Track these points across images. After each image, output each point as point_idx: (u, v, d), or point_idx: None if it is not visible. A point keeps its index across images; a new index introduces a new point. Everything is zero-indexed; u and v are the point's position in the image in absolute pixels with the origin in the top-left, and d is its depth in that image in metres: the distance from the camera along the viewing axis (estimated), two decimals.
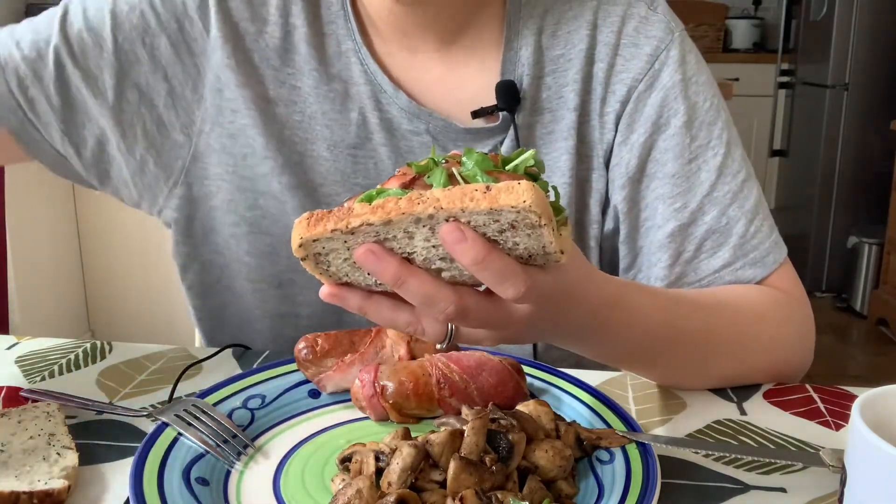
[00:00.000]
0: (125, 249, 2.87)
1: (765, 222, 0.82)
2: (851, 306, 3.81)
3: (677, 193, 0.81)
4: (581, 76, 0.82)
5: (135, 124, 0.84)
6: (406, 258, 0.50)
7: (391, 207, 0.46)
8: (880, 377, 3.07)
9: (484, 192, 0.46)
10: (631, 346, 0.70)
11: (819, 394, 0.76)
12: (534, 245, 0.49)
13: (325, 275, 0.53)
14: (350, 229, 0.47)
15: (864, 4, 3.73)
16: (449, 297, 0.51)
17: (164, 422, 0.64)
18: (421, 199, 0.46)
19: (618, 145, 0.83)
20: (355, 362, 0.71)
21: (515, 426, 0.58)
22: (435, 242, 0.49)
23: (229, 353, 0.83)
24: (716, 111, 0.82)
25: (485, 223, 0.47)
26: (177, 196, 0.87)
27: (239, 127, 0.83)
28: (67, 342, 0.87)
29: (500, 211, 0.46)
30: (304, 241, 0.49)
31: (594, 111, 0.83)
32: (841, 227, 3.94)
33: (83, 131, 0.84)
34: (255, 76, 0.83)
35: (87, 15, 0.82)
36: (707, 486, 0.61)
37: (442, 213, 0.46)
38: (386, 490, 0.54)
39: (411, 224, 0.47)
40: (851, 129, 3.87)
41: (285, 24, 0.83)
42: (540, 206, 0.45)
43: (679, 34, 0.83)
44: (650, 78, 0.81)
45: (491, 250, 0.48)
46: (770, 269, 0.80)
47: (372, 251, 0.49)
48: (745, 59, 4.88)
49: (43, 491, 0.56)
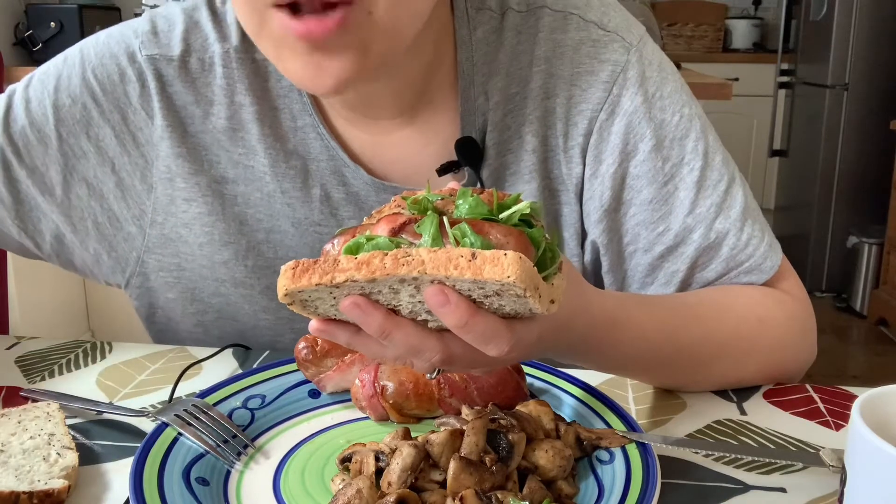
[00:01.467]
0: None
1: (755, 227, 0.79)
2: (851, 306, 3.81)
3: (658, 218, 0.78)
4: (539, 113, 0.79)
5: (85, 218, 0.83)
6: (392, 309, 0.50)
7: (376, 266, 0.46)
8: (880, 377, 3.07)
9: (469, 261, 0.45)
10: (629, 361, 0.70)
11: (819, 394, 0.76)
12: (520, 307, 0.49)
13: (313, 314, 0.52)
14: (334, 284, 0.47)
15: (864, 4, 3.73)
16: (434, 347, 0.51)
17: (164, 422, 0.64)
18: (406, 260, 0.46)
19: (588, 179, 0.80)
20: (355, 362, 0.71)
21: (515, 426, 0.58)
22: (421, 298, 0.48)
23: (229, 353, 0.83)
24: (687, 122, 0.78)
25: (469, 288, 0.47)
26: (135, 286, 0.86)
27: (194, 215, 0.82)
28: (67, 342, 0.87)
29: (484, 282, 0.45)
30: (289, 292, 0.48)
31: (558, 147, 0.80)
32: (841, 227, 3.94)
33: (39, 225, 0.83)
34: (208, 160, 0.81)
35: (29, 109, 0.81)
36: (707, 486, 0.61)
37: (426, 276, 0.46)
38: (386, 490, 0.54)
39: (396, 282, 0.47)
40: (851, 129, 3.87)
41: (231, 103, 0.80)
42: (524, 280, 0.44)
43: (636, 48, 0.78)
44: (610, 105, 0.77)
45: (474, 313, 0.47)
46: (768, 275, 0.79)
47: (357, 304, 0.48)
48: (745, 59, 4.88)
49: (43, 491, 0.56)
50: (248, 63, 0.80)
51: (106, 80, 0.81)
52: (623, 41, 0.78)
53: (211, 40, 0.81)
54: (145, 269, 0.85)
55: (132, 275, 0.85)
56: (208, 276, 0.83)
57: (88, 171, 0.82)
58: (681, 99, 0.79)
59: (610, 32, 0.78)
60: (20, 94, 0.82)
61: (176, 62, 0.81)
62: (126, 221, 0.83)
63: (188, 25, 0.82)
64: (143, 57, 0.81)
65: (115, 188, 0.82)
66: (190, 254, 0.83)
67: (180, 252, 0.83)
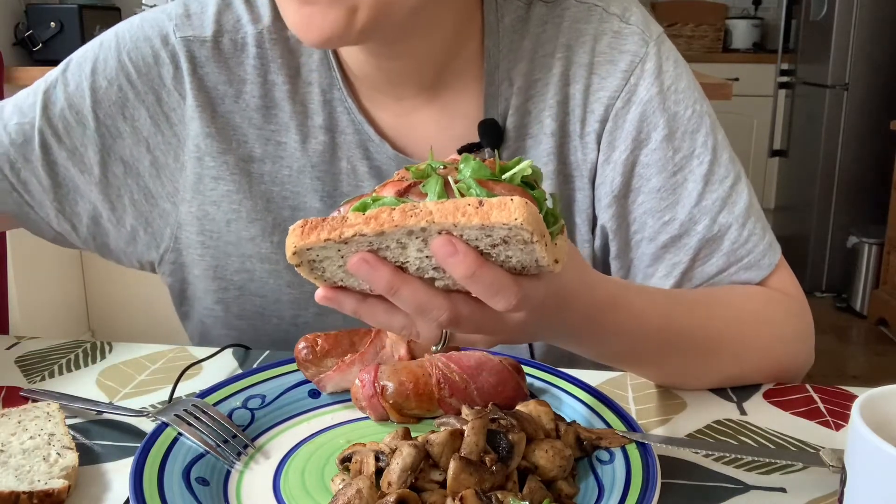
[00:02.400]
0: None
1: (757, 224, 0.81)
2: (851, 306, 3.81)
3: (665, 207, 0.80)
4: (558, 99, 0.81)
5: (122, 196, 0.85)
6: (400, 267, 0.50)
7: (384, 219, 0.46)
8: (880, 377, 3.07)
9: (476, 208, 0.45)
10: (628, 348, 0.70)
11: (819, 394, 0.76)
12: (526, 258, 0.49)
13: (319, 279, 0.53)
14: (343, 239, 0.47)
15: (864, 4, 3.73)
16: (442, 305, 0.51)
17: (164, 422, 0.64)
18: (414, 211, 0.46)
19: (601, 165, 0.82)
20: (355, 362, 0.71)
21: (515, 426, 0.58)
22: (428, 253, 0.49)
23: (229, 353, 0.83)
24: (698, 117, 0.81)
25: (477, 237, 0.47)
26: (168, 262, 0.88)
27: (222, 193, 0.83)
28: (67, 342, 0.87)
29: (493, 227, 0.46)
30: (298, 250, 0.49)
31: (574, 132, 0.82)
32: (841, 227, 3.94)
33: (77, 208, 0.85)
34: (236, 139, 0.83)
35: (68, 92, 0.83)
36: (707, 486, 0.61)
37: (434, 226, 0.46)
38: (386, 490, 0.54)
39: (404, 235, 0.47)
40: (851, 129, 3.87)
41: (264, 82, 0.83)
42: (532, 223, 0.45)
43: (655, 42, 0.81)
44: (627, 94, 0.80)
45: (482, 264, 0.48)
46: (766, 271, 0.80)
47: (365, 260, 0.49)
48: (745, 59, 4.88)
49: (43, 491, 0.56)
50: (281, 42, 0.83)
51: (140, 62, 0.83)
52: (643, 34, 0.81)
53: (244, 21, 0.84)
54: (178, 245, 0.86)
55: (166, 250, 0.87)
56: (233, 253, 0.85)
57: (125, 151, 0.84)
58: (693, 95, 0.82)
59: (631, 25, 0.81)
60: (59, 79, 0.84)
61: (209, 43, 0.83)
62: (161, 198, 0.85)
63: (220, 7, 0.84)
64: (176, 39, 0.83)
65: (150, 167, 0.84)
66: (216, 231, 0.85)
67: (206, 229, 0.85)
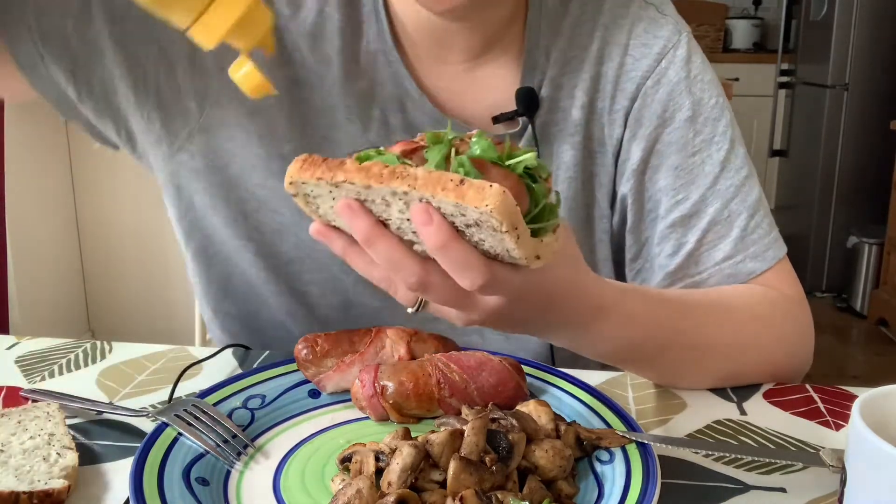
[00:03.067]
0: (125, 249, 2.87)
1: (765, 219, 0.83)
2: (851, 306, 3.81)
3: (680, 185, 0.82)
4: (591, 75, 0.84)
5: (149, 79, 0.82)
6: (382, 222, 0.52)
7: (374, 173, 0.48)
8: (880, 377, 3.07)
9: (456, 185, 0.47)
10: (621, 350, 0.71)
11: (819, 394, 0.76)
12: (498, 246, 0.50)
13: (314, 213, 0.55)
14: (335, 182, 0.50)
15: (864, 4, 3.73)
16: (413, 267, 0.52)
17: (164, 422, 0.64)
18: (402, 174, 0.48)
19: (626, 141, 0.85)
20: (355, 362, 0.71)
21: (515, 426, 0.58)
22: (408, 216, 0.50)
23: (229, 353, 0.83)
24: (720, 109, 0.84)
25: (453, 213, 0.48)
26: (178, 163, 0.85)
27: (263, 106, 0.83)
28: (67, 342, 0.87)
29: (466, 207, 0.47)
30: (294, 181, 0.51)
31: (604, 108, 0.85)
32: (841, 227, 3.94)
33: (92, 77, 0.82)
34: (286, 57, 0.83)
35: None
36: (707, 486, 0.61)
37: (415, 192, 0.48)
38: (386, 490, 0.54)
39: (389, 194, 0.49)
40: (851, 129, 3.87)
41: (320, 11, 0.83)
42: (503, 213, 0.46)
43: (686, 35, 0.85)
44: (657, 75, 0.83)
45: (453, 238, 0.49)
46: (770, 263, 0.81)
47: (350, 206, 0.51)
48: (745, 59, 4.88)
49: (43, 491, 0.56)
50: None
51: None
52: (676, 25, 0.86)
53: None
54: (197, 148, 0.84)
55: (179, 150, 0.85)
56: (259, 167, 0.84)
57: (163, 36, 0.80)
58: (717, 89, 0.86)
59: (666, 16, 0.86)
60: None
61: None
62: (187, 96, 0.83)
63: None
64: None
65: (188, 60, 0.82)
66: (247, 141, 0.84)
67: (238, 137, 0.84)
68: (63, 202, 2.82)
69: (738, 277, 0.81)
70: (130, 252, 2.87)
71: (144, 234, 2.84)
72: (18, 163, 2.57)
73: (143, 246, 2.85)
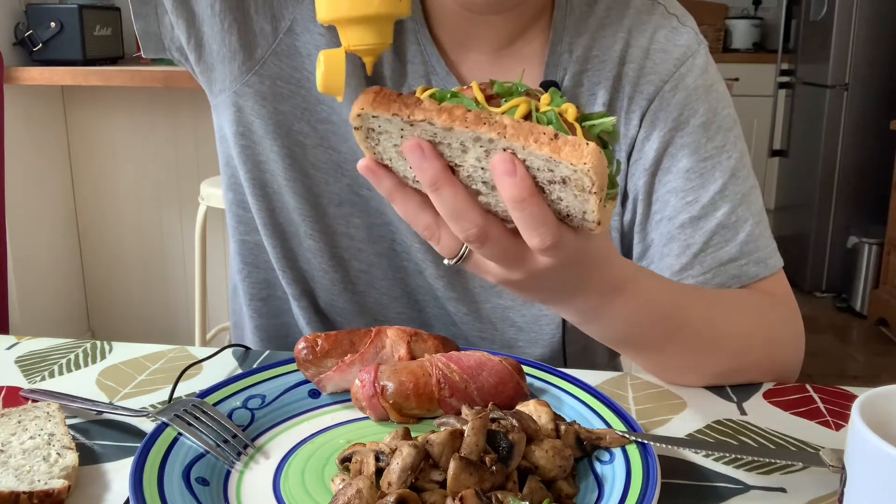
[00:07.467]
0: (125, 249, 2.87)
1: (767, 230, 0.86)
2: (851, 306, 3.81)
3: (690, 188, 0.84)
4: (613, 75, 0.86)
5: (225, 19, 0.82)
6: (451, 168, 0.50)
7: (458, 115, 0.46)
8: (880, 377, 3.07)
9: (551, 139, 0.45)
10: (633, 329, 0.71)
11: (819, 394, 0.77)
12: (576, 207, 0.49)
13: (370, 150, 0.52)
14: (410, 120, 0.47)
15: (864, 4, 3.73)
16: (476, 218, 0.51)
17: (164, 422, 0.64)
18: (490, 119, 0.46)
19: (640, 141, 0.86)
20: (355, 362, 0.71)
21: (515, 426, 0.58)
22: (485, 165, 0.48)
23: (229, 353, 0.83)
24: (732, 120, 0.87)
25: (539, 168, 0.47)
26: (247, 84, 0.85)
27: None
28: (67, 342, 0.87)
29: (559, 163, 0.45)
30: (364, 114, 0.48)
31: (621, 109, 0.87)
32: (841, 227, 3.94)
33: None
34: None
35: None
36: (707, 486, 0.61)
37: (503, 141, 0.46)
38: (386, 490, 0.54)
39: (470, 140, 0.47)
40: (851, 129, 3.87)
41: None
42: (597, 172, 0.45)
43: (704, 47, 0.88)
44: (676, 80, 0.85)
45: (534, 194, 0.48)
46: (771, 271, 0.84)
47: (420, 146, 0.49)
48: (745, 59, 4.88)
49: (43, 491, 0.56)
50: None
51: None
52: (696, 36, 0.88)
53: None
54: (266, 72, 0.84)
55: (249, 71, 0.84)
56: (324, 101, 0.85)
57: None
58: (729, 102, 0.88)
59: (687, 27, 0.88)
60: None
61: None
62: (263, 15, 0.83)
63: None
64: None
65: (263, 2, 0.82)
66: (311, 71, 0.84)
67: (306, 68, 0.84)
68: (63, 202, 2.82)
69: (741, 280, 0.83)
70: (130, 252, 2.87)
71: (144, 234, 2.84)
72: (18, 163, 2.57)
73: (143, 246, 2.85)
